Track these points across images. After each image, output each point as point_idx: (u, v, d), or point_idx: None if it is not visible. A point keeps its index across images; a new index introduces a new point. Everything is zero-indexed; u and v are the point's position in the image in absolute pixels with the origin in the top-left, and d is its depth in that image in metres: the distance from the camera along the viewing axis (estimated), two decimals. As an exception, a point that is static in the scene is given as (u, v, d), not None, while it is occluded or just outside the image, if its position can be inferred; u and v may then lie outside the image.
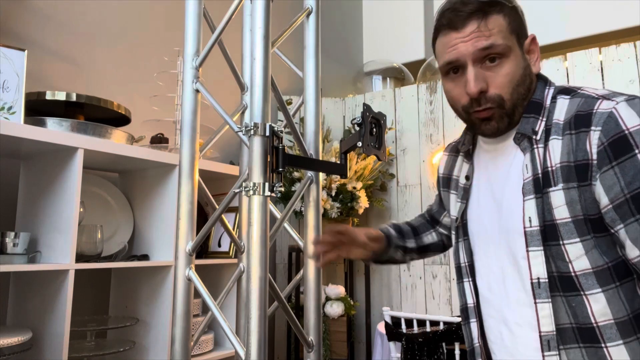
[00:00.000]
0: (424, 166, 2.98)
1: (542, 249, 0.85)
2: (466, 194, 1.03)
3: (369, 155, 1.02)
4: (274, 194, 0.77)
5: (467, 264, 1.02)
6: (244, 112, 1.07)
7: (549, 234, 0.85)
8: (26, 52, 1.46)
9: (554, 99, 0.91)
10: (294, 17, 1.01)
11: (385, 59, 3.74)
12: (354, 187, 2.72)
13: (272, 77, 0.88)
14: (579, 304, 0.83)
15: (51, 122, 1.49)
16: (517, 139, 0.91)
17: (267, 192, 0.76)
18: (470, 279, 1.01)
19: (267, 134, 0.77)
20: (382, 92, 3.23)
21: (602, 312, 0.82)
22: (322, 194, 2.69)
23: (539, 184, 0.86)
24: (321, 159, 0.99)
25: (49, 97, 1.55)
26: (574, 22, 3.22)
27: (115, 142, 1.56)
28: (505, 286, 0.92)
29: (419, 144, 3.01)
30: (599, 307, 0.82)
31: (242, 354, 0.79)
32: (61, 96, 1.55)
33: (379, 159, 0.99)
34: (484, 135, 0.96)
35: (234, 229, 1.80)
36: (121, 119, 1.75)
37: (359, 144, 0.93)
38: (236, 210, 1.98)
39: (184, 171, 0.93)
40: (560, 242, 0.84)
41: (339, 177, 2.03)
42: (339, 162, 0.96)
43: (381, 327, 2.39)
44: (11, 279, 1.60)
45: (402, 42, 3.82)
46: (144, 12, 2.22)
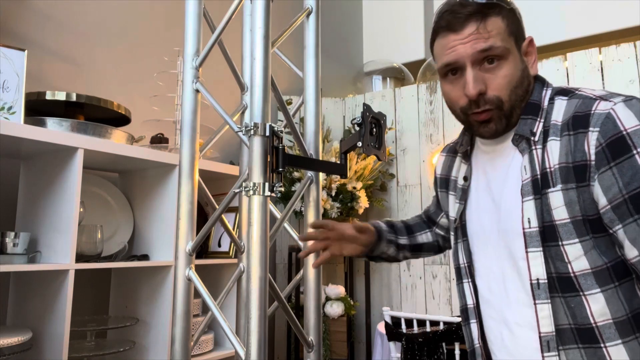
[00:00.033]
0: (424, 166, 2.98)
1: (541, 249, 0.85)
2: (464, 195, 1.03)
3: (369, 155, 1.02)
4: (274, 194, 0.77)
5: (466, 265, 1.02)
6: (244, 112, 1.07)
7: (548, 235, 0.85)
8: (26, 52, 1.46)
9: (551, 100, 0.91)
10: (294, 17, 1.01)
11: (385, 59, 3.74)
12: (354, 187, 2.72)
13: (272, 77, 0.88)
14: (577, 304, 0.83)
15: (51, 122, 1.49)
16: (515, 141, 0.91)
17: (267, 192, 0.76)
18: (469, 279, 1.01)
19: (267, 134, 0.77)
20: (382, 92, 3.23)
21: (601, 312, 0.82)
22: (322, 194, 2.69)
23: (537, 185, 0.86)
24: (321, 159, 0.99)
25: (49, 97, 1.55)
26: (573, 22, 3.22)
27: (115, 142, 1.56)
28: (505, 287, 0.92)
29: (419, 144, 3.01)
30: (598, 307, 0.82)
31: (242, 354, 0.79)
32: (61, 96, 1.55)
33: (379, 159, 0.99)
34: (482, 136, 0.96)
35: (234, 229, 1.80)
36: (121, 119, 1.75)
37: (359, 144, 0.93)
38: (236, 210, 1.98)
39: (184, 171, 0.93)
40: (559, 243, 0.84)
41: (339, 177, 2.03)
42: (339, 162, 0.96)
43: (381, 327, 2.40)
44: (11, 279, 1.60)
45: (402, 42, 3.82)
46: (144, 12, 2.22)
